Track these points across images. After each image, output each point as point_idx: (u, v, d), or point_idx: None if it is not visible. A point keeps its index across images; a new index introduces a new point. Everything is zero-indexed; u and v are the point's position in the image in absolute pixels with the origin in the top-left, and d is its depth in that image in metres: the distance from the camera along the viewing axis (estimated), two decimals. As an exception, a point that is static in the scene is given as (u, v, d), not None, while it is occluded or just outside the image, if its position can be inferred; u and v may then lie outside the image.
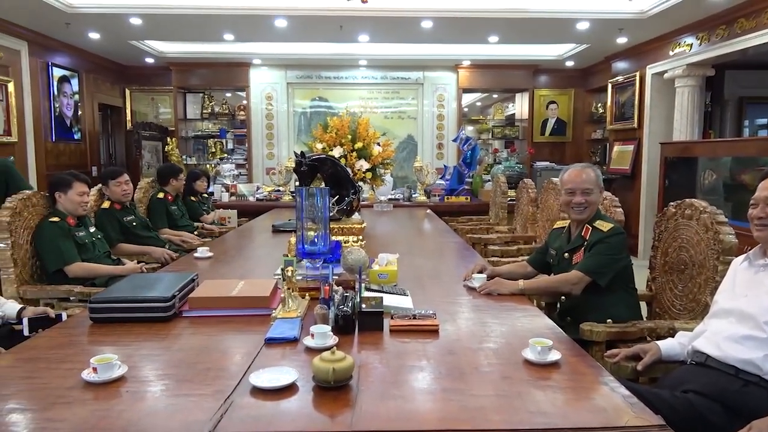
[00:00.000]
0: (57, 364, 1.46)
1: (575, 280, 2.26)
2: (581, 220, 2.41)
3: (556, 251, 2.52)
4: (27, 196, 2.88)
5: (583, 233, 2.39)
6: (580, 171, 2.43)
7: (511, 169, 7.29)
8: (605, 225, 2.34)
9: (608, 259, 2.27)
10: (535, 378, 1.38)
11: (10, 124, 5.83)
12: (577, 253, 2.38)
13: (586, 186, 2.36)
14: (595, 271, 2.25)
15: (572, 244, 2.43)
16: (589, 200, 2.36)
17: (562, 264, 2.43)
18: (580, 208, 2.37)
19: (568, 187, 2.41)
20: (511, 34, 6.25)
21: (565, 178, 2.46)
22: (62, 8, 5.17)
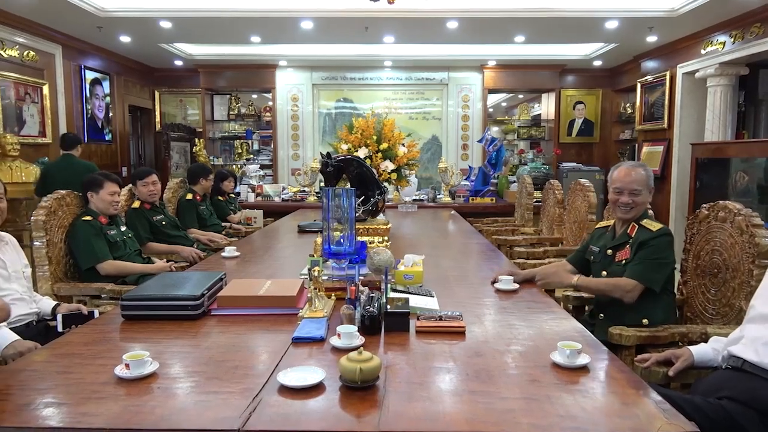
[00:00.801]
0: (91, 359, 1.50)
1: (629, 287, 2.21)
2: (627, 219, 2.36)
3: (599, 249, 2.47)
4: (61, 195, 2.96)
5: (629, 231, 2.34)
6: (630, 170, 2.37)
7: (537, 170, 7.22)
8: (653, 225, 2.29)
9: (658, 263, 2.23)
10: (564, 382, 1.36)
11: (44, 126, 5.99)
12: (622, 251, 2.34)
13: (634, 186, 2.32)
14: (649, 277, 2.21)
15: (616, 241, 2.39)
16: (636, 201, 2.32)
17: (605, 261, 2.39)
18: (626, 208, 2.33)
19: (615, 186, 2.36)
20: (538, 33, 6.19)
21: (614, 176, 2.41)
22: (95, 12, 5.30)
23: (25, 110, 5.70)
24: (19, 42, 5.59)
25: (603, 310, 2.37)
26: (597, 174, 7.77)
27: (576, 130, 8.61)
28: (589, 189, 3.85)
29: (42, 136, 5.97)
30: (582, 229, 3.83)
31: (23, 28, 5.57)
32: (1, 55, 5.35)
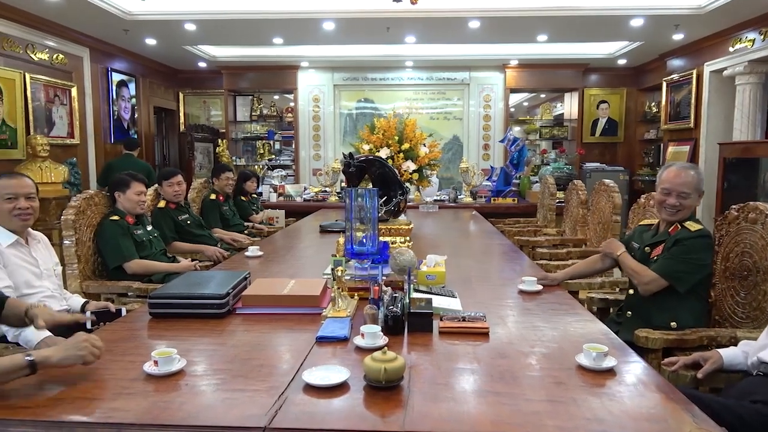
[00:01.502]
0: (120, 356, 1.53)
1: (647, 279, 2.19)
2: (672, 221, 2.31)
3: (638, 246, 2.43)
4: (90, 195, 3.02)
5: (671, 231, 2.30)
6: (680, 171, 2.28)
7: (559, 171, 7.15)
8: (694, 225, 2.24)
9: (687, 261, 2.18)
10: (590, 384, 1.35)
11: (73, 127, 6.13)
12: (657, 248, 2.30)
13: (683, 189, 2.24)
14: (673, 275, 2.17)
15: (656, 239, 2.35)
16: (683, 204, 2.25)
17: (642, 258, 2.35)
18: (672, 210, 2.27)
19: (664, 187, 2.29)
20: (561, 32, 6.13)
21: (663, 176, 2.33)
22: (122, 16, 5.40)
23: (54, 112, 5.84)
24: (49, 45, 5.73)
25: (632, 308, 2.34)
26: (621, 174, 7.66)
27: (599, 130, 8.50)
28: (613, 189, 3.80)
29: (70, 137, 6.10)
30: (606, 230, 3.78)
31: (53, 32, 5.70)
32: (32, 58, 5.49)
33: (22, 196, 2.24)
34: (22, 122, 5.31)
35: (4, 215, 2.21)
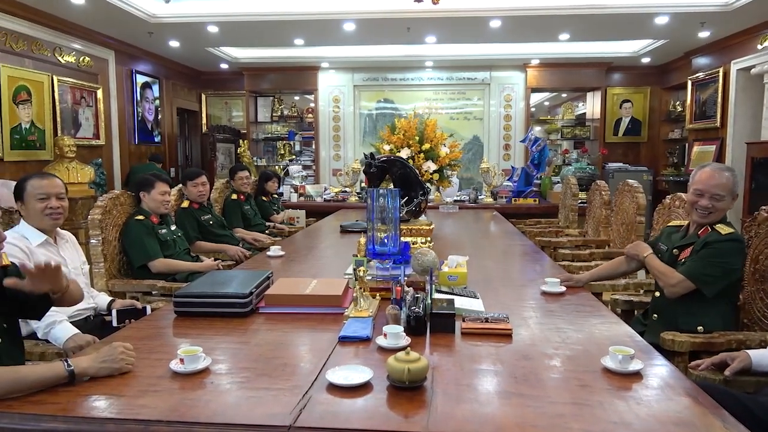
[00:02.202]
0: (147, 354, 1.55)
1: (673, 281, 2.14)
2: (703, 224, 2.25)
3: (666, 248, 2.38)
4: (116, 195, 3.08)
5: (700, 233, 2.24)
6: (713, 172, 2.21)
7: (582, 171, 7.07)
8: (725, 229, 2.17)
9: (716, 267, 2.12)
10: (616, 387, 1.33)
11: (98, 128, 6.25)
12: (686, 250, 2.25)
13: (716, 191, 2.17)
14: (701, 278, 2.11)
15: (684, 241, 2.29)
16: (716, 206, 2.18)
17: (670, 261, 2.31)
18: (704, 212, 2.20)
19: (697, 188, 2.22)
20: (584, 30, 6.06)
21: (696, 177, 2.26)
22: (146, 18, 5.48)
23: (80, 113, 5.96)
24: (76, 48, 5.84)
25: (657, 311, 2.30)
26: (645, 174, 7.54)
27: (623, 130, 8.38)
28: (637, 190, 3.74)
29: (96, 138, 6.22)
30: (630, 231, 3.73)
31: (79, 35, 5.82)
32: (59, 60, 5.61)
33: (53, 196, 2.29)
34: (50, 124, 5.43)
35: (36, 214, 2.27)
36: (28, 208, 2.27)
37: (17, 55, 5.05)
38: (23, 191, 2.26)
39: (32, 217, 2.27)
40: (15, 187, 2.31)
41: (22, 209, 2.28)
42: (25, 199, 2.26)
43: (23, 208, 2.27)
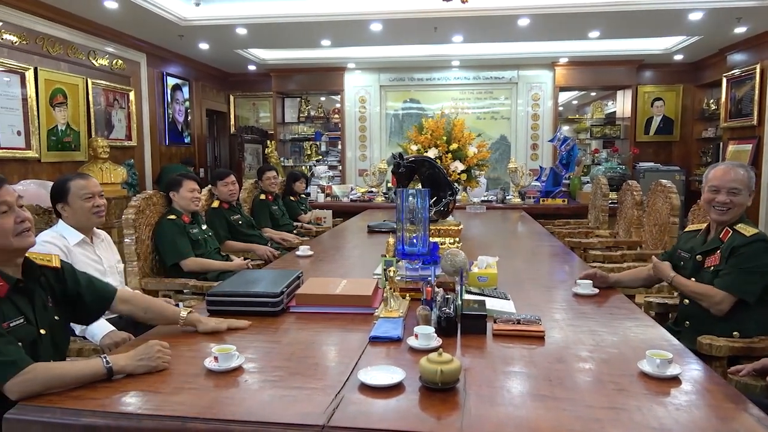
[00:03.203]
0: (182, 351, 1.57)
1: (718, 299, 2.07)
2: (722, 221, 2.20)
3: (688, 254, 2.32)
4: (149, 195, 3.14)
5: (722, 236, 2.19)
6: (729, 169, 2.20)
7: (612, 171, 6.93)
8: (748, 229, 2.12)
9: (752, 273, 2.06)
10: (654, 392, 1.30)
11: (130, 130, 6.38)
12: (712, 257, 2.19)
13: (733, 186, 2.15)
14: (741, 288, 2.05)
15: (707, 246, 2.24)
16: (734, 201, 2.15)
17: (694, 267, 2.25)
18: (723, 208, 2.17)
19: (712, 185, 2.20)
20: (615, 28, 5.95)
21: (710, 174, 2.25)
22: (177, 21, 5.58)
23: (113, 115, 6.09)
24: (109, 52, 5.98)
25: (689, 318, 2.24)
26: (677, 174, 7.38)
27: (654, 128, 8.21)
28: (671, 190, 3.66)
29: (128, 139, 6.36)
30: (663, 232, 3.65)
31: (112, 39, 5.95)
32: (93, 64, 5.74)
33: (96, 195, 2.37)
34: (85, 125, 5.57)
35: (84, 213, 2.34)
36: (74, 208, 2.32)
37: (54, 59, 5.20)
38: (67, 192, 2.32)
39: (78, 216, 2.33)
40: (55, 188, 2.36)
41: (65, 210, 2.33)
42: (69, 200, 2.32)
43: (66, 208, 2.33)
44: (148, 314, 1.79)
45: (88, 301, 1.70)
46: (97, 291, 1.73)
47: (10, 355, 1.32)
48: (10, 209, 1.50)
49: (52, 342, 1.60)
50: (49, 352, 1.57)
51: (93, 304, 1.71)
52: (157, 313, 1.79)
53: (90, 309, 1.72)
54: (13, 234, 1.49)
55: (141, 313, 1.79)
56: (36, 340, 1.53)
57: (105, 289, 1.76)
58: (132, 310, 1.79)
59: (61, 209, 2.33)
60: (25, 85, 4.80)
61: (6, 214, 1.49)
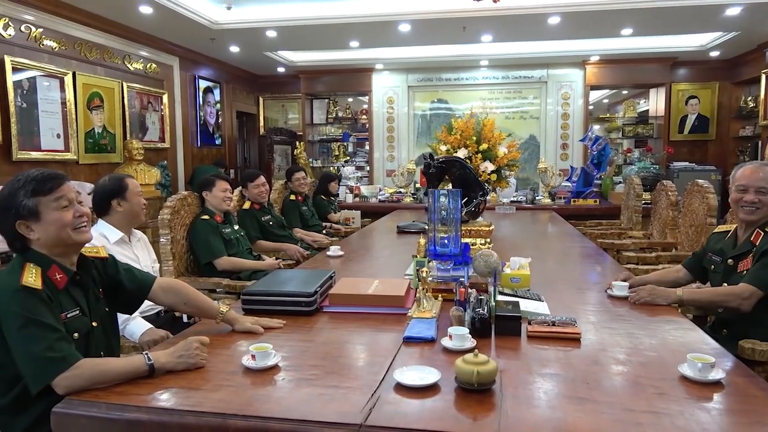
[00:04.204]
0: (220, 349, 1.61)
1: (746, 294, 2.01)
2: (751, 221, 2.15)
3: (718, 257, 2.27)
4: (184, 196, 3.20)
5: (753, 238, 2.13)
6: (757, 168, 2.17)
7: (645, 170, 6.78)
8: None
9: None
10: (696, 397, 1.28)
11: (164, 132, 6.52)
12: (744, 260, 2.14)
13: (761, 184, 2.12)
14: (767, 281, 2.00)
15: (738, 250, 2.18)
16: (763, 200, 2.11)
17: (726, 272, 2.19)
18: (751, 207, 2.13)
19: (740, 184, 2.17)
20: (648, 25, 5.82)
21: (737, 174, 2.22)
22: (209, 25, 5.68)
23: (147, 118, 6.23)
24: (143, 56, 6.12)
25: (727, 326, 2.17)
26: (713, 174, 7.19)
27: (688, 127, 8.01)
28: (708, 190, 3.57)
29: (161, 141, 6.49)
30: (700, 234, 3.56)
31: (146, 43, 6.09)
32: (128, 68, 5.89)
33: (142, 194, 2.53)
34: (120, 128, 5.71)
35: (138, 210, 2.48)
36: (131, 203, 2.45)
37: (91, 64, 5.34)
38: (125, 189, 2.44)
39: (133, 211, 2.46)
40: (113, 185, 2.45)
41: (121, 205, 2.43)
42: (127, 195, 2.43)
43: (123, 203, 2.43)
44: (188, 307, 1.84)
45: (129, 288, 1.75)
46: (137, 279, 1.79)
47: (62, 351, 1.36)
48: (70, 204, 1.57)
49: (103, 334, 1.67)
50: (101, 345, 1.64)
51: (133, 291, 1.77)
52: (196, 306, 1.83)
53: (131, 296, 1.77)
54: (72, 228, 1.55)
55: (181, 304, 1.83)
56: (90, 332, 1.59)
57: (144, 277, 1.82)
58: (173, 300, 1.83)
59: (117, 205, 2.43)
60: (64, 89, 4.95)
61: (66, 209, 1.55)
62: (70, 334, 1.48)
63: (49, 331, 1.38)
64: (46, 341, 1.36)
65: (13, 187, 1.51)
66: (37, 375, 1.34)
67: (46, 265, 1.51)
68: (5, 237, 1.53)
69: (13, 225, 1.50)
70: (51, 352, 1.35)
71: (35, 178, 1.52)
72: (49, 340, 1.36)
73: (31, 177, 1.52)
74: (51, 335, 1.37)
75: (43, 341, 1.35)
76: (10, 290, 1.41)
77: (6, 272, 1.49)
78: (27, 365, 1.36)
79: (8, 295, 1.40)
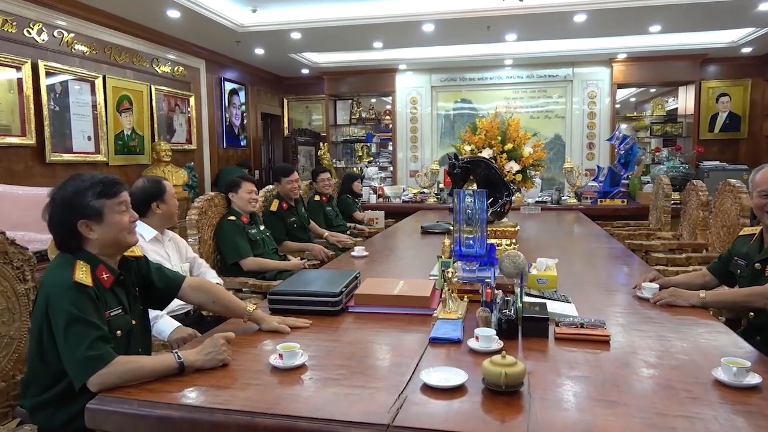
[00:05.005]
0: (247, 348, 1.62)
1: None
2: None
3: (744, 261, 2.22)
4: (211, 197, 3.24)
5: None
6: None
7: (675, 170, 6.64)
8: None
9: None
10: (731, 402, 1.24)
11: (190, 134, 6.61)
12: None
13: None
14: None
15: (765, 254, 2.13)
16: None
17: (753, 276, 2.14)
18: None
19: (762, 189, 2.11)
20: (678, 21, 5.70)
21: (757, 178, 2.15)
22: (234, 28, 5.75)
23: (175, 120, 6.33)
24: (171, 59, 6.22)
25: (761, 331, 2.11)
26: (745, 173, 6.98)
27: (719, 125, 7.82)
28: (740, 190, 3.48)
29: (188, 142, 6.59)
30: (732, 234, 3.47)
31: (174, 46, 6.19)
32: (156, 71, 5.99)
33: None
34: (148, 130, 5.82)
35: (174, 213, 2.58)
36: (169, 205, 2.54)
37: (120, 67, 5.45)
38: (164, 192, 2.53)
39: (171, 213, 2.55)
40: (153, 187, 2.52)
41: (160, 207, 2.51)
42: (165, 198, 2.53)
43: (162, 206, 2.51)
44: (216, 305, 1.87)
45: (159, 287, 1.80)
46: (168, 278, 1.83)
47: (99, 349, 1.40)
48: (127, 208, 1.64)
49: (141, 331, 1.72)
50: (140, 343, 1.70)
51: (164, 290, 1.81)
52: (224, 305, 1.86)
53: (162, 294, 1.82)
54: (127, 231, 1.63)
55: (209, 302, 1.87)
56: (131, 330, 1.64)
57: (175, 276, 1.86)
58: (202, 299, 1.86)
59: (156, 207, 2.50)
60: (95, 92, 5.06)
61: (125, 213, 1.63)
62: (113, 332, 1.53)
63: (92, 329, 1.42)
64: (88, 339, 1.40)
65: (79, 187, 1.57)
66: (79, 372, 1.38)
67: (94, 264, 1.56)
68: (60, 234, 1.58)
69: (75, 223, 1.55)
70: (91, 350, 1.39)
71: (102, 181, 1.59)
72: (91, 338, 1.40)
73: (97, 179, 1.59)
74: (93, 333, 1.42)
75: (86, 340, 1.40)
76: (64, 285, 1.46)
77: (55, 267, 1.54)
78: (70, 362, 1.40)
79: (62, 291, 1.45)
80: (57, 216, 1.56)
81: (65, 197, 1.56)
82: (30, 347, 1.58)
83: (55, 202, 1.56)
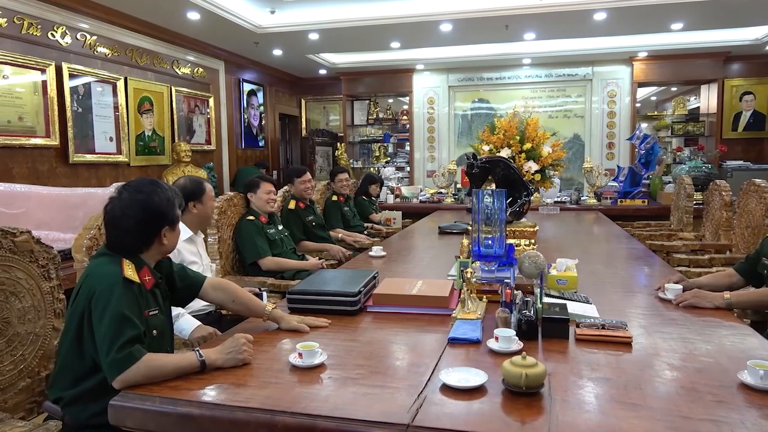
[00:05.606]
0: (267, 347, 1.63)
1: None
2: None
3: None
4: (230, 197, 3.27)
5: None
6: None
7: (697, 170, 6.54)
8: None
9: None
10: (758, 405, 1.22)
11: (210, 134, 6.68)
12: None
13: None
14: None
15: None
16: None
17: None
18: None
19: None
20: (700, 18, 5.61)
21: None
22: (253, 29, 5.79)
23: (194, 121, 6.40)
24: (190, 60, 6.29)
25: None
26: (770, 173, 6.86)
27: (743, 124, 7.67)
28: (766, 190, 3.41)
29: (208, 143, 6.66)
30: (757, 235, 3.41)
31: (193, 48, 6.26)
32: (176, 72, 6.06)
33: None
34: (169, 131, 5.89)
35: (210, 215, 2.65)
36: (206, 206, 2.59)
37: (141, 69, 5.53)
38: (203, 192, 2.57)
39: (203, 216, 2.60)
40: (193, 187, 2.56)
41: (196, 207, 2.55)
42: (203, 199, 2.57)
43: (198, 206, 2.56)
44: (236, 305, 1.89)
45: (180, 286, 1.83)
46: (189, 278, 1.86)
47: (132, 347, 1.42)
48: None
49: (169, 330, 1.76)
50: (168, 341, 1.73)
51: (185, 290, 1.84)
52: (243, 304, 1.88)
53: (184, 294, 1.85)
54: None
55: (229, 302, 1.89)
56: (164, 329, 1.68)
57: (196, 276, 1.88)
58: (222, 298, 1.89)
59: (193, 207, 2.55)
60: (116, 94, 5.14)
61: None
62: (150, 331, 1.57)
63: (130, 327, 1.45)
64: (125, 337, 1.42)
65: (169, 196, 1.66)
66: (112, 368, 1.40)
67: (139, 266, 1.60)
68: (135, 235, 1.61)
69: (160, 229, 1.63)
70: (125, 348, 1.41)
71: (178, 194, 1.72)
72: (127, 336, 1.43)
73: (177, 191, 1.71)
74: (130, 332, 1.44)
75: (123, 336, 1.42)
76: (113, 281, 1.50)
77: (103, 263, 1.57)
78: (106, 358, 1.42)
79: (111, 284, 1.49)
80: (145, 219, 1.61)
81: (158, 205, 1.62)
82: (62, 340, 1.61)
83: (144, 205, 1.60)
